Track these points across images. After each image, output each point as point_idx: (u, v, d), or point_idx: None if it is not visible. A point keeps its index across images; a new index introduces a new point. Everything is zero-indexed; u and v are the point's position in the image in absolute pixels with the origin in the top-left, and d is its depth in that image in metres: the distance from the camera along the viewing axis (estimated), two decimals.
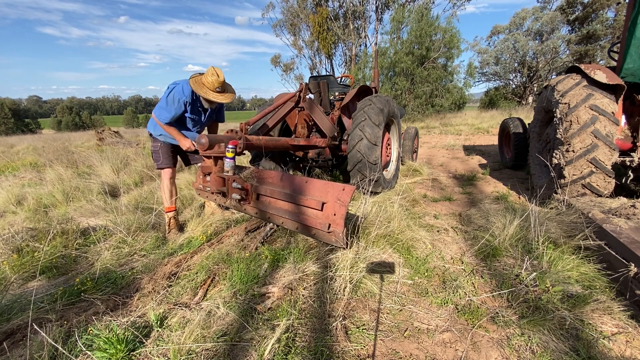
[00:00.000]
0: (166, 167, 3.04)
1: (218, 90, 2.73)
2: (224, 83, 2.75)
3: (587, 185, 2.94)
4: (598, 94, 2.93)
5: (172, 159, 3.08)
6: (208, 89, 2.70)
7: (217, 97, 2.72)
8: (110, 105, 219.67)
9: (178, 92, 2.73)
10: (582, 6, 23.15)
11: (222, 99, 2.75)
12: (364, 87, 4.22)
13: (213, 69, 2.71)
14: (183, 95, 2.74)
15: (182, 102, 2.75)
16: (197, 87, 2.67)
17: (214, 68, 2.72)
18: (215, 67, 2.73)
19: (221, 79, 2.70)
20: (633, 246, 1.79)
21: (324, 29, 20.14)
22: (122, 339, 1.50)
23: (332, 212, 1.95)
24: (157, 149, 3.02)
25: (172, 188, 3.08)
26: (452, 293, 1.91)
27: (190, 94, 2.77)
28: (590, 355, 1.42)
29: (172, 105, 2.75)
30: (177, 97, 2.74)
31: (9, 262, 2.33)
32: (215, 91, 2.73)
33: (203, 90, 2.68)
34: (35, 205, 3.91)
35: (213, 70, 2.70)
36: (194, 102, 2.84)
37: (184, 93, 2.74)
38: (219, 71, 2.71)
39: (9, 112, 56.82)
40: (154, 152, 3.06)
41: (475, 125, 12.37)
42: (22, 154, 9.89)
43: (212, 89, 2.71)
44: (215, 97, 2.72)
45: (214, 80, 2.67)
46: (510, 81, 27.24)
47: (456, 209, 3.47)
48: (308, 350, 1.49)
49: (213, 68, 2.72)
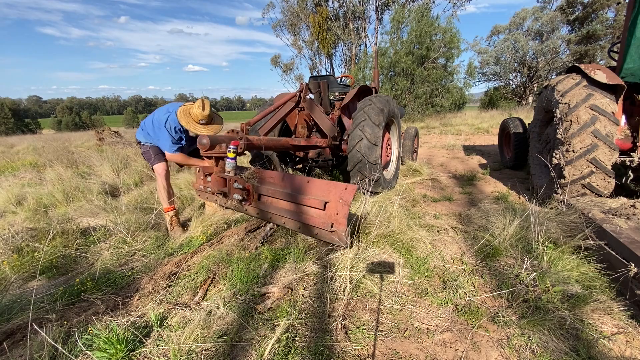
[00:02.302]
0: (159, 161, 3.08)
1: (202, 122, 2.86)
2: (209, 116, 2.85)
3: (587, 185, 2.94)
4: (598, 94, 2.93)
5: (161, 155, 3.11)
6: (192, 120, 2.84)
7: (199, 130, 2.84)
8: (110, 105, 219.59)
9: (173, 121, 2.87)
10: (582, 6, 23.16)
11: (204, 131, 2.82)
12: (364, 87, 4.22)
13: (201, 100, 2.82)
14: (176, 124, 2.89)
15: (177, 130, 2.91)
16: (182, 117, 2.83)
17: (202, 100, 2.82)
18: (205, 98, 2.86)
19: (205, 113, 2.80)
20: (633, 246, 1.79)
21: (324, 29, 20.14)
22: (122, 339, 1.50)
23: (334, 211, 1.95)
24: (147, 149, 3.08)
25: (168, 186, 3.09)
26: (452, 293, 1.91)
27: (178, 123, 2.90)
28: (590, 355, 1.42)
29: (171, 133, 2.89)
30: (173, 126, 2.88)
31: (9, 262, 2.33)
32: (198, 123, 2.85)
33: (186, 120, 2.83)
34: (35, 205, 3.90)
35: (200, 103, 2.81)
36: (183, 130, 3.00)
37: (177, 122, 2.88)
38: (206, 104, 2.81)
39: (9, 112, 56.81)
40: (144, 154, 3.11)
41: (475, 125, 12.37)
42: (22, 154, 9.89)
43: (196, 121, 2.84)
44: (196, 128, 2.84)
45: (199, 113, 2.80)
46: (510, 81, 27.25)
47: (456, 209, 3.47)
48: (308, 350, 1.49)
49: (202, 100, 2.82)
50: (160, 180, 3.04)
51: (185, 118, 2.82)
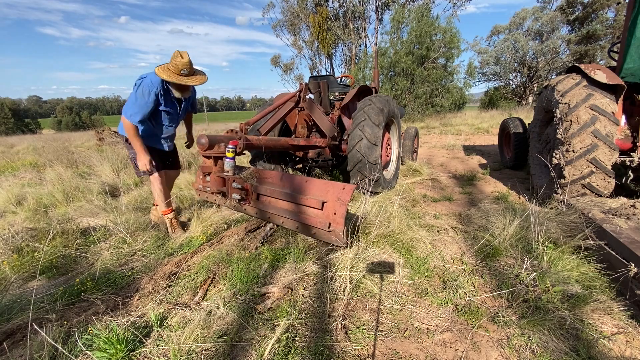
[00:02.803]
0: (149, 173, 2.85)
1: (184, 73, 2.53)
2: (190, 65, 2.54)
3: (587, 185, 2.94)
4: (598, 94, 2.93)
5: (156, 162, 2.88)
6: (173, 72, 2.51)
7: (184, 80, 2.52)
8: (110, 105, 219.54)
9: (147, 85, 2.53)
10: (582, 6, 23.16)
11: (191, 82, 2.56)
12: (364, 87, 4.22)
13: (177, 52, 2.55)
14: (153, 87, 2.55)
15: (154, 94, 2.56)
16: (162, 72, 2.49)
17: (178, 51, 2.55)
18: (180, 50, 2.57)
19: (185, 60, 2.51)
20: (633, 246, 1.79)
21: (324, 29, 20.13)
22: (122, 339, 1.50)
23: (332, 211, 1.95)
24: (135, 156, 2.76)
25: (166, 191, 2.97)
26: (452, 293, 1.91)
27: (160, 83, 2.59)
28: (590, 355, 1.42)
29: (142, 99, 2.53)
30: (148, 90, 2.53)
31: (9, 262, 2.33)
32: (180, 74, 2.53)
33: (168, 74, 2.50)
34: (35, 205, 3.90)
35: (177, 53, 2.53)
36: (167, 92, 2.65)
37: (153, 84, 2.55)
38: (184, 53, 2.54)
39: (9, 112, 56.82)
40: (132, 160, 2.82)
41: (475, 125, 12.37)
42: (22, 154, 9.89)
43: (178, 72, 2.52)
44: (181, 80, 2.52)
45: (179, 62, 2.49)
46: (510, 81, 27.26)
47: (456, 209, 3.47)
48: (308, 350, 1.49)
49: (178, 51, 2.55)
50: (157, 187, 2.89)
51: (166, 72, 2.50)
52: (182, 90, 2.66)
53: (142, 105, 2.53)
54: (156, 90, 2.56)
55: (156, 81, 2.56)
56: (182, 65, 2.50)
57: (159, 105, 2.65)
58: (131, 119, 2.53)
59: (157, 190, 2.94)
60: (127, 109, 2.55)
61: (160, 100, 2.63)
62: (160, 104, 2.65)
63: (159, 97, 2.60)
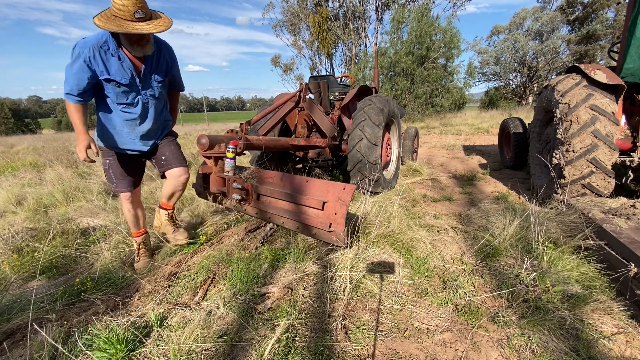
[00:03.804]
0: (122, 190, 2.28)
1: (139, 15, 1.75)
2: (144, 5, 1.78)
3: (587, 185, 2.94)
4: (598, 94, 2.93)
5: (129, 178, 2.29)
6: (123, 19, 1.74)
7: (140, 28, 1.75)
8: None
9: (78, 47, 1.81)
10: (582, 6, 23.17)
11: (149, 29, 1.78)
12: (364, 87, 4.22)
13: None
14: (84, 48, 1.79)
15: (82, 60, 1.79)
16: (106, 22, 1.72)
17: None
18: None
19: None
20: (633, 246, 1.79)
21: (324, 29, 20.13)
22: (122, 339, 1.50)
23: (333, 211, 1.95)
24: (107, 167, 2.22)
25: (136, 212, 2.40)
26: (452, 293, 1.91)
27: (98, 43, 1.81)
28: (590, 355, 1.42)
29: (68, 67, 1.82)
30: (77, 52, 1.79)
31: (9, 262, 2.33)
32: (134, 20, 1.75)
33: (115, 23, 1.72)
34: (35, 205, 3.90)
35: None
36: (112, 54, 1.86)
37: (85, 44, 1.80)
38: None
39: (9, 112, 56.84)
40: (105, 170, 2.26)
41: (475, 125, 12.37)
42: (22, 154, 9.89)
43: (129, 17, 1.74)
44: (137, 28, 1.75)
45: (127, 3, 1.71)
46: (510, 81, 27.27)
47: (456, 209, 3.47)
48: (308, 350, 1.49)
49: None
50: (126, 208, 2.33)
51: (112, 21, 1.73)
52: (139, 43, 1.86)
53: (69, 76, 1.83)
54: (87, 54, 1.78)
55: (91, 40, 1.81)
56: (133, 6, 1.72)
57: (100, 75, 1.85)
58: (64, 89, 1.87)
59: (125, 212, 2.36)
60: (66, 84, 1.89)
61: (105, 66, 1.84)
62: (100, 73, 1.85)
63: (100, 62, 1.82)
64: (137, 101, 2.04)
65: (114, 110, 2.02)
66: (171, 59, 2.18)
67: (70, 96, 1.87)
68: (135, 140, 2.14)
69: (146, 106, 2.09)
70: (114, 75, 1.89)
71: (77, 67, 1.81)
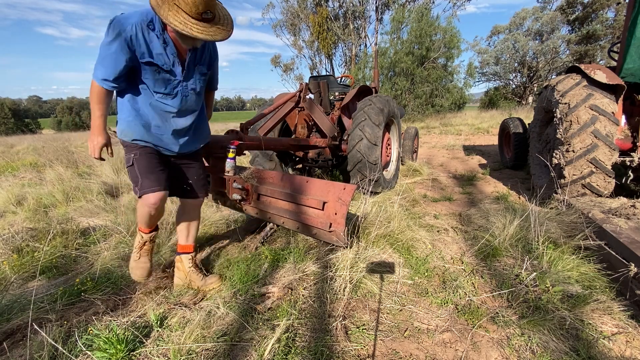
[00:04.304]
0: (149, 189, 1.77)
1: (206, 16, 1.45)
2: (215, 4, 1.51)
3: (587, 185, 2.94)
4: (598, 94, 2.93)
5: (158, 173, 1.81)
6: (186, 13, 1.41)
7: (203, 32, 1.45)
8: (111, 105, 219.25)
9: (119, 21, 1.49)
10: (582, 6, 23.18)
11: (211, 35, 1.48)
12: (364, 87, 4.22)
13: None
14: (127, 23, 1.49)
15: (129, 36, 1.49)
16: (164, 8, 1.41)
17: None
18: None
19: None
20: (633, 246, 1.79)
21: (324, 29, 20.13)
22: (122, 339, 1.50)
23: (333, 211, 1.95)
24: (131, 162, 1.78)
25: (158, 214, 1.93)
26: (452, 293, 1.91)
27: (144, 19, 1.53)
28: (590, 355, 1.42)
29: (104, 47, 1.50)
30: (118, 28, 1.47)
31: (9, 262, 2.33)
32: (199, 18, 1.44)
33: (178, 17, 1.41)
34: (35, 205, 3.90)
35: None
36: (157, 35, 1.57)
37: (128, 20, 1.50)
38: None
39: (9, 112, 56.88)
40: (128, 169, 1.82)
41: (475, 125, 12.37)
42: (22, 154, 9.89)
43: (193, 13, 1.41)
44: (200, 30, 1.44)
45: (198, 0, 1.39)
46: (510, 81, 27.28)
47: (456, 209, 3.47)
48: (308, 350, 1.49)
49: None
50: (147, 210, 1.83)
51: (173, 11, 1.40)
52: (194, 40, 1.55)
53: (105, 57, 1.52)
54: (129, 32, 1.49)
55: (134, 17, 1.52)
56: (203, 5, 1.40)
57: (141, 57, 1.56)
58: (94, 72, 1.56)
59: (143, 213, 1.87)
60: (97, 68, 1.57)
61: (147, 49, 1.56)
62: (141, 55, 1.56)
63: (134, 42, 1.51)
64: (176, 92, 1.74)
65: (148, 99, 1.70)
66: (214, 53, 1.89)
67: (106, 82, 1.56)
68: (164, 136, 1.79)
69: (185, 100, 1.78)
70: (156, 60, 1.61)
71: (116, 47, 1.50)
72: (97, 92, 1.60)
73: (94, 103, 1.63)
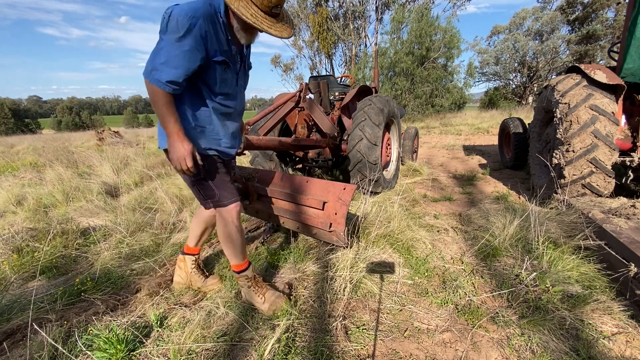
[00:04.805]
0: (231, 199, 1.68)
1: (275, 11, 1.37)
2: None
3: (587, 185, 2.94)
4: (598, 94, 2.93)
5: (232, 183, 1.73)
6: (256, 5, 1.32)
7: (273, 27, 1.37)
8: (110, 105, 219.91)
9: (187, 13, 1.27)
10: (582, 6, 23.18)
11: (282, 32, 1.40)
12: (364, 87, 4.22)
13: None
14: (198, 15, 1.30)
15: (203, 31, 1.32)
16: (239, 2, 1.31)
17: None
18: None
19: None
20: (633, 246, 1.79)
21: (324, 29, 20.12)
22: (122, 339, 1.50)
23: (333, 211, 1.95)
24: (202, 175, 1.60)
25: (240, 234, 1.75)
26: (452, 293, 1.91)
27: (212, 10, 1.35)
28: (590, 355, 1.42)
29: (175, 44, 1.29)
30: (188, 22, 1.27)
31: (9, 262, 2.33)
32: (269, 12, 1.35)
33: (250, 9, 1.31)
34: (35, 205, 3.90)
35: None
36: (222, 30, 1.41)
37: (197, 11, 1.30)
38: None
39: (9, 112, 56.91)
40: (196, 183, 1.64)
41: (475, 125, 12.36)
42: (22, 154, 9.89)
43: (265, 7, 1.33)
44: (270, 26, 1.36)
45: None
46: (510, 81, 27.28)
47: (456, 209, 3.47)
48: (308, 350, 1.49)
49: None
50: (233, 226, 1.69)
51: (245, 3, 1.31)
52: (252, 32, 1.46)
53: (176, 56, 1.29)
54: (203, 27, 1.31)
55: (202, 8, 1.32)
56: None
57: (213, 55, 1.40)
58: (156, 75, 1.30)
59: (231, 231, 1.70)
60: (150, 62, 1.32)
61: (211, 42, 1.37)
62: (214, 53, 1.40)
63: (207, 38, 1.35)
64: (236, 92, 1.61)
65: (208, 102, 1.52)
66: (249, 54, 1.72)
67: (172, 85, 1.32)
68: (222, 140, 1.62)
69: (240, 99, 1.67)
70: (226, 57, 1.45)
71: (190, 44, 1.29)
72: (164, 98, 1.34)
73: (163, 109, 1.36)
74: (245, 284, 1.78)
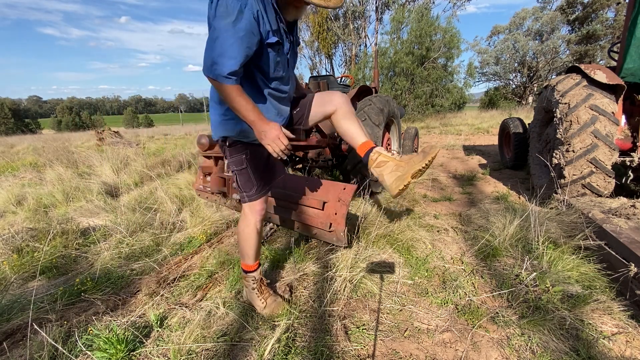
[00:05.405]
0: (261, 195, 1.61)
1: None
2: None
3: (587, 185, 2.94)
4: (598, 94, 2.93)
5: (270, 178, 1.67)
6: None
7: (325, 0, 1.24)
8: (110, 105, 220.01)
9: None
10: (582, 6, 23.19)
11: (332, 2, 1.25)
12: (364, 87, 4.22)
13: None
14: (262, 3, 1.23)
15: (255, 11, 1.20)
16: None
17: None
18: None
19: None
20: (633, 246, 1.79)
21: (324, 29, 20.13)
22: (122, 339, 1.50)
23: (333, 211, 1.95)
24: (244, 165, 1.53)
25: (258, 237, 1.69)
26: (452, 293, 1.91)
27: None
28: (590, 355, 1.42)
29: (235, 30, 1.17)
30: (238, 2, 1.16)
31: (9, 262, 2.33)
32: None
33: None
34: (35, 205, 3.90)
35: None
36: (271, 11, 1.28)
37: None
38: None
39: (9, 112, 56.94)
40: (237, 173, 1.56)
41: (475, 125, 12.37)
42: (22, 154, 9.89)
43: None
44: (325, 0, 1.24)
45: None
46: (510, 81, 27.30)
47: (456, 209, 3.47)
48: (308, 350, 1.49)
49: None
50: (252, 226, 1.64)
51: None
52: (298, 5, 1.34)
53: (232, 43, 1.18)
54: (255, 6, 1.20)
55: None
56: None
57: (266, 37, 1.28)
58: (217, 70, 1.20)
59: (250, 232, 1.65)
60: (208, 56, 1.21)
61: (264, 23, 1.25)
62: (267, 34, 1.28)
63: (261, 19, 1.23)
64: (289, 75, 1.49)
65: (264, 87, 1.41)
66: None
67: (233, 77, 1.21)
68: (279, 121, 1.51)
69: (292, 81, 1.54)
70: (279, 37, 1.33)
71: (244, 27, 1.17)
72: (233, 90, 1.24)
73: (236, 101, 1.26)
74: (250, 285, 1.76)
